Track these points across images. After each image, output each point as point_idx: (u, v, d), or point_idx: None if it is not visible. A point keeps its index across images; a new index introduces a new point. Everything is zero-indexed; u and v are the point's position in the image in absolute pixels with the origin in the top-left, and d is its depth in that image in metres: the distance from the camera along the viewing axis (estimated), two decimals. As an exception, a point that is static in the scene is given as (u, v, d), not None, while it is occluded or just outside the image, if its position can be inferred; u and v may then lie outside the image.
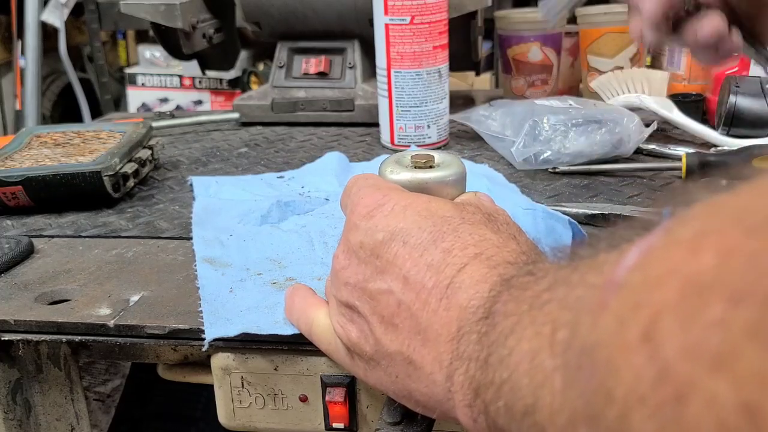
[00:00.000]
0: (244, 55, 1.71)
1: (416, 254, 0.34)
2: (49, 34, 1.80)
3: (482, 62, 1.02)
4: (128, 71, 2.01)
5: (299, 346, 0.43)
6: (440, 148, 0.82)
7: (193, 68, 1.54)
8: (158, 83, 1.98)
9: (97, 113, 1.89)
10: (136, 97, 2.00)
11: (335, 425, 0.45)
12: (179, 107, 1.95)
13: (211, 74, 1.85)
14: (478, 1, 0.88)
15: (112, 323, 0.45)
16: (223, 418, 0.47)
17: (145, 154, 0.74)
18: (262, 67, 1.81)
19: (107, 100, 1.86)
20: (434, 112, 0.81)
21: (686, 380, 0.16)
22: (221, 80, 1.90)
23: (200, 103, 1.97)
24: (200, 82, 1.94)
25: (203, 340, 0.43)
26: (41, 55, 1.77)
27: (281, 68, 0.97)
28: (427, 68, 0.78)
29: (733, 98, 0.74)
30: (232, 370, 0.45)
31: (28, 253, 0.57)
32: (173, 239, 0.59)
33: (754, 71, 0.81)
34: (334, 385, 0.43)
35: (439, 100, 0.81)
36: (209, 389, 0.46)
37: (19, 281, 0.52)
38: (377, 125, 0.85)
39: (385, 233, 0.35)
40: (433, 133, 0.81)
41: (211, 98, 1.96)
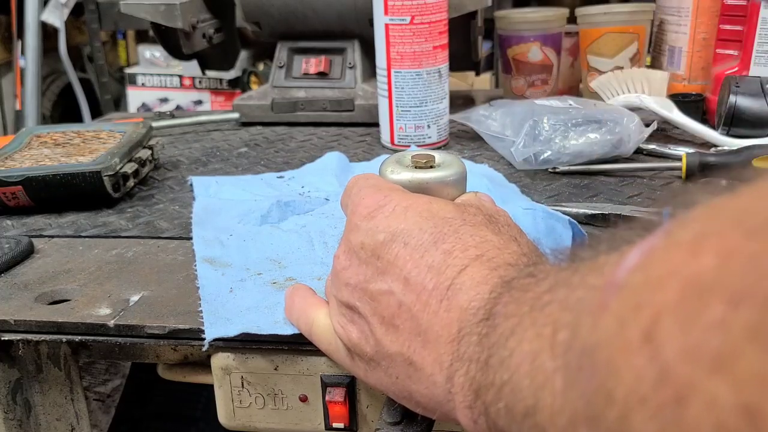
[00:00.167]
0: (244, 55, 1.71)
1: (417, 255, 0.34)
2: (49, 34, 1.80)
3: (482, 62, 1.02)
4: (128, 71, 2.01)
5: (299, 346, 0.43)
6: (440, 148, 0.82)
7: (193, 68, 1.54)
8: (158, 83, 1.98)
9: (97, 113, 1.89)
10: (136, 97, 1.99)
11: (335, 425, 0.45)
12: (179, 107, 1.95)
13: (211, 74, 1.85)
14: (478, 1, 0.88)
15: (112, 323, 0.45)
16: (223, 418, 0.47)
17: (145, 154, 0.74)
18: (262, 67, 1.81)
19: (107, 100, 1.86)
20: (434, 112, 0.81)
21: (686, 382, 0.16)
22: (221, 80, 1.90)
23: (200, 103, 1.97)
24: (200, 82, 1.94)
25: (203, 340, 0.43)
26: (41, 55, 1.77)
27: (281, 68, 0.97)
28: (427, 68, 0.78)
29: (733, 98, 0.74)
30: (232, 370, 0.45)
31: (28, 253, 0.57)
32: (173, 239, 0.59)
33: (754, 71, 0.81)
34: (334, 385, 0.43)
35: (439, 100, 0.81)
36: (209, 389, 0.46)
37: (19, 281, 0.52)
38: (377, 125, 0.85)
39: (386, 234, 0.35)
40: (433, 133, 0.81)
41: (211, 98, 1.95)
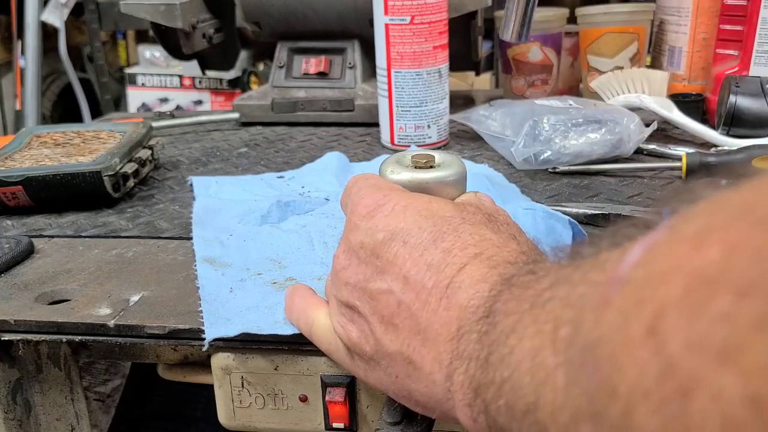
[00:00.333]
0: (244, 55, 1.71)
1: (416, 254, 0.34)
2: (49, 34, 1.80)
3: (482, 62, 1.02)
4: (128, 71, 2.01)
5: (299, 346, 0.43)
6: (440, 148, 0.82)
7: (193, 68, 1.54)
8: (158, 83, 1.98)
9: (97, 113, 1.89)
10: (136, 97, 1.99)
11: (335, 425, 0.45)
12: (179, 107, 1.95)
13: (211, 74, 1.85)
14: (478, 1, 0.88)
15: (112, 323, 0.45)
16: (223, 418, 0.47)
17: (145, 154, 0.74)
18: (262, 67, 1.81)
19: (107, 100, 1.86)
20: (434, 112, 0.81)
21: (692, 374, 0.16)
22: (221, 80, 1.90)
23: (200, 103, 1.97)
24: (200, 82, 1.93)
25: (203, 340, 0.43)
26: (41, 55, 1.77)
27: (281, 68, 0.97)
28: (427, 68, 0.78)
29: (733, 98, 0.74)
30: (232, 370, 0.45)
31: (28, 253, 0.57)
32: (173, 239, 0.59)
33: (754, 71, 0.81)
34: (334, 385, 0.43)
35: (439, 100, 0.81)
36: (209, 389, 0.46)
37: (19, 281, 0.52)
38: (377, 125, 0.85)
39: (385, 233, 0.35)
40: (433, 133, 0.81)
41: (211, 98, 1.95)
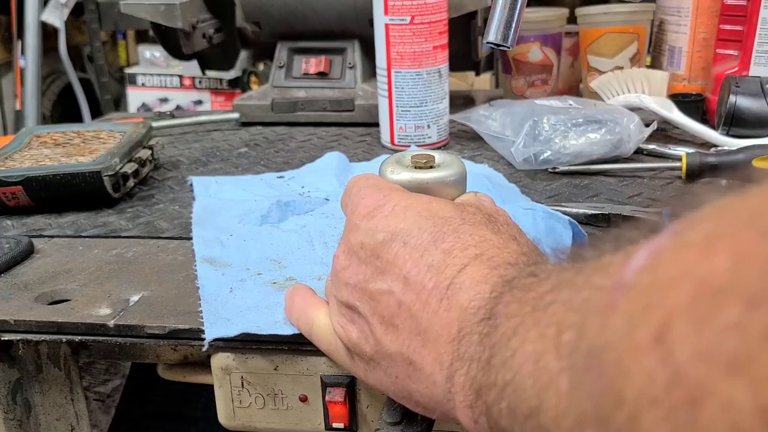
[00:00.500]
0: (244, 55, 1.70)
1: (416, 255, 0.34)
2: (49, 34, 1.80)
3: (482, 62, 1.02)
4: (128, 71, 2.00)
5: (299, 346, 0.43)
6: (440, 148, 0.82)
7: (193, 68, 1.54)
8: (158, 83, 1.98)
9: (97, 113, 1.89)
10: (136, 97, 1.99)
11: (335, 425, 0.45)
12: (179, 107, 1.95)
13: (211, 74, 1.85)
14: (478, 1, 0.88)
15: (112, 323, 0.45)
16: (223, 418, 0.47)
17: (145, 154, 0.74)
18: (262, 67, 1.81)
19: (107, 100, 1.86)
20: (434, 112, 0.81)
21: (700, 383, 0.16)
22: (221, 80, 1.90)
23: (200, 103, 1.97)
24: (200, 82, 1.93)
25: (203, 340, 0.43)
26: (41, 55, 1.77)
27: (281, 68, 0.97)
28: (427, 68, 0.78)
29: (733, 98, 0.74)
30: (232, 370, 0.45)
31: (28, 253, 0.57)
32: (173, 239, 0.59)
33: (754, 71, 0.81)
34: (334, 385, 0.43)
35: (439, 100, 0.81)
36: (209, 389, 0.46)
37: (19, 281, 0.52)
38: (377, 125, 0.85)
39: (385, 234, 0.35)
40: (433, 133, 0.81)
41: (211, 98, 1.95)
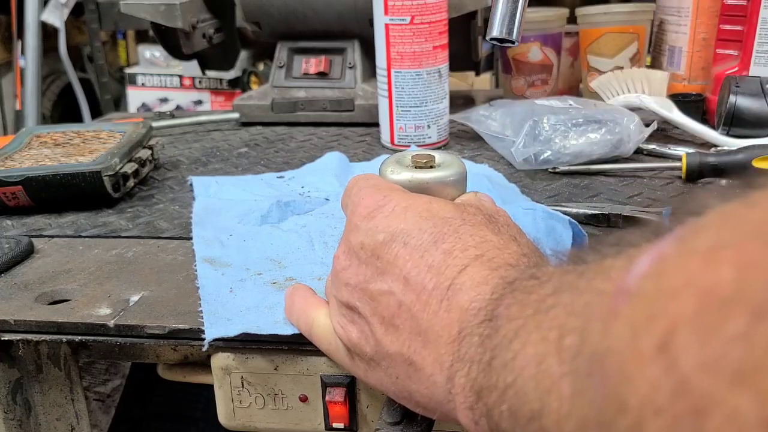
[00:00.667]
0: (244, 55, 1.70)
1: (417, 255, 0.34)
2: (49, 34, 1.80)
3: (482, 62, 1.02)
4: (128, 71, 2.00)
5: (299, 346, 0.43)
6: (440, 148, 0.82)
7: (193, 68, 1.54)
8: (158, 83, 1.98)
9: (97, 113, 1.89)
10: (136, 97, 1.99)
11: (335, 425, 0.45)
12: (179, 107, 1.94)
13: (211, 74, 1.85)
14: (478, 1, 0.88)
15: (112, 323, 0.45)
16: (223, 418, 0.47)
17: (145, 154, 0.74)
18: (262, 67, 1.80)
19: (107, 100, 1.86)
20: (434, 112, 0.81)
21: (706, 394, 0.16)
22: (221, 80, 1.90)
23: (200, 103, 1.97)
24: (200, 82, 1.93)
25: (203, 340, 0.43)
26: (41, 55, 1.77)
27: (281, 68, 0.97)
28: (427, 68, 0.78)
29: (733, 98, 0.74)
30: (232, 370, 0.45)
31: (28, 253, 0.57)
32: (173, 239, 0.59)
33: (754, 71, 0.81)
34: (334, 385, 0.43)
35: (439, 100, 0.81)
36: (209, 389, 0.46)
37: (19, 281, 0.52)
38: (377, 125, 0.85)
39: (385, 234, 0.35)
40: (433, 133, 0.81)
41: (211, 98, 1.95)
